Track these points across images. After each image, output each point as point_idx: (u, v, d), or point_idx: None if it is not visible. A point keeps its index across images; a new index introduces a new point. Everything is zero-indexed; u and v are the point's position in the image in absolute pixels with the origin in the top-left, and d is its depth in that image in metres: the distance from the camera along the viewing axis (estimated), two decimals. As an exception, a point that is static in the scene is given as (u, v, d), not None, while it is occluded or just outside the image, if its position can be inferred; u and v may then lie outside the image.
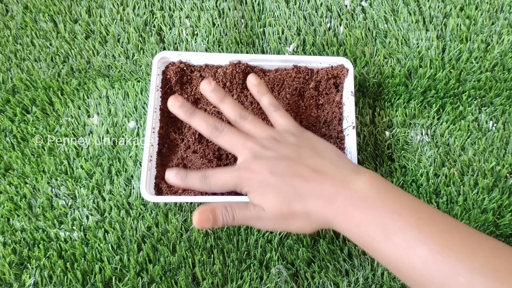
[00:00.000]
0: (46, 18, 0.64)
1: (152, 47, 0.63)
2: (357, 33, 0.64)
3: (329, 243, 0.53)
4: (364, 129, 0.59)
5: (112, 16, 0.64)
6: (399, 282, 0.51)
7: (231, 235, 0.53)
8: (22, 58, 0.62)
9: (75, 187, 0.54)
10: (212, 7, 0.66)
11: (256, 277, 0.51)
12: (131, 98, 0.59)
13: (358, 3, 0.67)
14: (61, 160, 0.56)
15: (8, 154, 0.56)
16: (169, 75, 0.58)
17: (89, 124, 0.58)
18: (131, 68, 0.62)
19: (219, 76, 0.58)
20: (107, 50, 0.63)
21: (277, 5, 0.66)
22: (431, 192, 0.55)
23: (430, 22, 0.65)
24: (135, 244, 0.52)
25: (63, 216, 0.53)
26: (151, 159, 0.53)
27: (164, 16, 0.65)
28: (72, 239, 0.52)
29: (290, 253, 0.52)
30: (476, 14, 0.65)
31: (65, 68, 0.61)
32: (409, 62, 0.62)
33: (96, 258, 0.51)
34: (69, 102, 0.59)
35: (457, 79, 0.61)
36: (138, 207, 0.54)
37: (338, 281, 0.51)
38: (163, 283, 0.50)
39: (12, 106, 0.59)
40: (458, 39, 0.64)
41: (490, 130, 0.59)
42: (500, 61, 0.62)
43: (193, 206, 0.54)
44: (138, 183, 0.55)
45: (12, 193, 0.54)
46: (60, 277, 0.50)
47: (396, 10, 0.66)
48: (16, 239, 0.52)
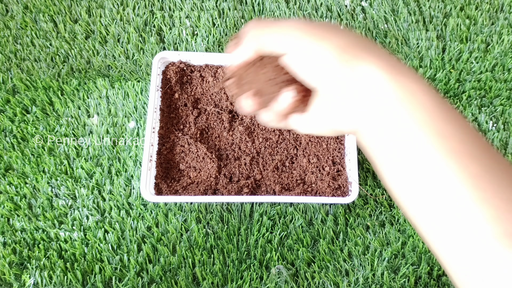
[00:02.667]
0: (46, 18, 0.64)
1: (152, 47, 0.63)
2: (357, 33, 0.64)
3: (329, 243, 0.53)
4: (364, 129, 0.59)
5: (112, 16, 0.64)
6: (399, 282, 0.51)
7: (231, 235, 0.53)
8: (22, 58, 0.62)
9: (75, 187, 0.54)
10: (212, 7, 0.66)
11: (256, 277, 0.51)
12: (131, 98, 0.59)
13: (358, 3, 0.67)
14: (61, 160, 0.56)
15: (8, 154, 0.56)
16: (169, 75, 0.58)
17: (89, 124, 0.58)
18: (131, 68, 0.62)
19: (219, 76, 0.58)
20: (107, 50, 0.63)
21: (277, 5, 0.66)
22: (431, 192, 0.55)
23: (430, 22, 0.65)
24: (135, 244, 0.52)
25: (63, 216, 0.53)
26: (151, 159, 0.53)
27: (164, 16, 0.65)
28: (72, 239, 0.52)
29: (290, 253, 0.52)
30: (476, 14, 0.65)
31: (65, 68, 0.61)
32: (409, 62, 0.62)
33: (96, 258, 0.51)
34: (69, 102, 0.59)
35: (457, 79, 0.61)
36: (138, 207, 0.54)
37: (338, 281, 0.51)
38: (163, 283, 0.50)
39: (12, 106, 0.59)
40: (458, 39, 0.64)
41: (490, 130, 0.59)
42: (500, 61, 0.62)
43: (193, 206, 0.54)
44: (138, 183, 0.55)
45: (12, 193, 0.54)
46: (60, 277, 0.50)
47: (396, 10, 0.66)
48: (16, 239, 0.52)
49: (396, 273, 0.52)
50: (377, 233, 0.54)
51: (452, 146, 0.24)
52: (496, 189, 0.23)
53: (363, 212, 0.55)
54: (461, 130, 0.24)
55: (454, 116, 0.25)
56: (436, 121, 0.24)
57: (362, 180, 0.56)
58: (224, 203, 0.54)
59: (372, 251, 0.52)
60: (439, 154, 0.24)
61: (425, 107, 0.25)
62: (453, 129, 0.24)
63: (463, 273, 0.24)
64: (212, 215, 0.54)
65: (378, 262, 0.52)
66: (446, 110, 0.25)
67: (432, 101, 0.25)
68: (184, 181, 0.53)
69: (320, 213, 0.54)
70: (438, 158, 0.24)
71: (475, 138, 0.25)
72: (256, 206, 0.55)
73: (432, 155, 0.24)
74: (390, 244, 0.53)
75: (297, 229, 0.53)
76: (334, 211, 0.55)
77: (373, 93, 0.25)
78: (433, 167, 0.24)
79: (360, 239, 0.53)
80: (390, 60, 0.26)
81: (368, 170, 0.57)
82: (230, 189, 0.53)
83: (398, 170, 0.25)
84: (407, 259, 0.52)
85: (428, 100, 0.25)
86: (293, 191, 0.53)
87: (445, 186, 0.23)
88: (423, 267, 0.51)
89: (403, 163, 0.25)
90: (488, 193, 0.23)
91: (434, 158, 0.24)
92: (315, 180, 0.54)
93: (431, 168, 0.24)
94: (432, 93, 0.25)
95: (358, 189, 0.52)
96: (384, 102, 0.25)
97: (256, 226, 0.53)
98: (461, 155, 0.24)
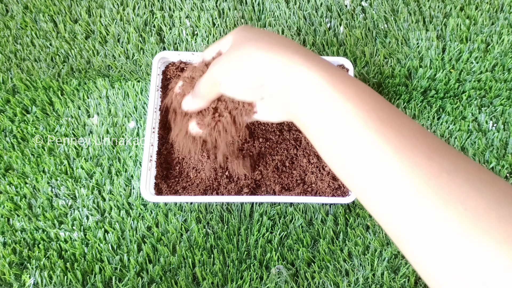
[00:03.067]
0: (46, 18, 0.64)
1: (152, 47, 0.63)
2: (357, 33, 0.64)
3: (329, 243, 0.53)
4: (364, 129, 0.59)
5: (112, 16, 0.64)
6: (399, 282, 0.51)
7: (231, 235, 0.53)
8: (22, 58, 0.62)
9: (75, 187, 0.54)
10: (212, 7, 0.66)
11: (256, 277, 0.51)
12: (131, 98, 0.59)
13: (358, 3, 0.67)
14: (61, 160, 0.56)
15: (8, 154, 0.56)
16: (169, 75, 0.58)
17: (89, 124, 0.58)
18: (131, 68, 0.62)
19: None
20: (107, 50, 0.63)
21: (277, 5, 0.66)
22: (431, 192, 0.55)
23: (430, 22, 0.65)
24: (135, 244, 0.52)
25: (63, 216, 0.53)
26: (151, 159, 0.53)
27: (164, 16, 0.65)
28: (72, 239, 0.52)
29: (290, 253, 0.52)
30: (476, 14, 0.65)
31: (65, 68, 0.61)
32: (409, 62, 0.62)
33: (96, 258, 0.51)
34: (69, 102, 0.59)
35: (457, 79, 0.61)
36: (138, 207, 0.54)
37: (338, 281, 0.51)
38: (163, 283, 0.50)
39: (12, 106, 0.59)
40: (458, 39, 0.64)
41: (490, 130, 0.59)
42: (500, 61, 0.62)
43: (193, 206, 0.54)
44: (138, 183, 0.55)
45: (12, 193, 0.54)
46: (60, 277, 0.50)
47: (396, 10, 0.66)
48: (16, 239, 0.52)
49: (396, 273, 0.52)
50: (377, 233, 0.54)
51: (354, 104, 0.28)
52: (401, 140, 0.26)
53: (363, 212, 0.55)
54: (360, 91, 0.29)
55: (354, 83, 0.30)
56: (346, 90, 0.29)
57: (362, 180, 0.56)
58: (224, 203, 0.54)
59: (372, 251, 0.52)
60: (345, 111, 0.28)
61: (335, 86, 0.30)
62: (355, 92, 0.29)
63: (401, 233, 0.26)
64: (212, 215, 0.54)
65: (378, 262, 0.52)
66: (350, 81, 0.30)
67: (341, 80, 0.30)
68: (184, 181, 0.53)
69: (320, 213, 0.54)
70: (344, 114, 0.28)
71: (369, 95, 0.29)
72: (256, 206, 0.55)
73: (340, 113, 0.28)
74: (390, 244, 0.53)
75: (297, 229, 0.53)
76: (334, 211, 0.55)
77: (300, 86, 0.30)
78: (341, 123, 0.28)
79: (360, 239, 0.53)
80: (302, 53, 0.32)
81: (368, 170, 0.57)
82: (230, 189, 0.53)
83: (326, 140, 0.30)
84: (407, 259, 0.52)
85: (334, 80, 0.30)
86: (293, 191, 0.53)
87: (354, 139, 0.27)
88: (423, 267, 0.51)
89: (327, 130, 0.29)
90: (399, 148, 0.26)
91: (341, 115, 0.28)
92: (315, 180, 0.54)
93: (341, 124, 0.28)
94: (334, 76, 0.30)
95: (358, 189, 0.52)
96: (309, 90, 0.30)
97: (256, 226, 0.53)
98: (362, 107, 0.28)
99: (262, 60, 0.32)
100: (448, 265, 0.23)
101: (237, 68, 0.33)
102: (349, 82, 0.30)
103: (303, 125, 0.32)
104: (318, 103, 0.29)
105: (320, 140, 0.30)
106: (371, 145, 0.26)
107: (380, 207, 0.26)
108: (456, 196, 0.23)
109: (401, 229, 0.25)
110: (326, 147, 0.30)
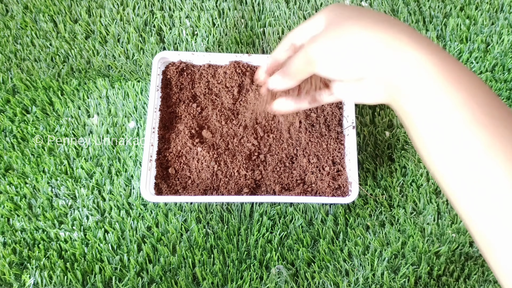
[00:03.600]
0: (46, 18, 0.64)
1: (152, 47, 0.63)
2: (357, 33, 0.64)
3: (329, 243, 0.53)
4: (364, 129, 0.59)
5: (112, 16, 0.64)
6: (399, 282, 0.51)
7: (231, 235, 0.53)
8: (22, 58, 0.62)
9: (75, 187, 0.54)
10: (212, 7, 0.66)
11: (256, 277, 0.51)
12: (131, 98, 0.59)
13: (358, 3, 0.67)
14: (61, 160, 0.56)
15: (8, 154, 0.56)
16: (169, 75, 0.58)
17: (89, 124, 0.58)
18: (131, 68, 0.62)
19: (219, 76, 0.58)
20: (107, 50, 0.63)
21: (277, 5, 0.66)
22: (431, 192, 0.55)
23: (430, 22, 0.65)
24: (135, 244, 0.52)
25: (63, 216, 0.53)
26: (151, 159, 0.53)
27: (164, 16, 0.65)
28: (72, 239, 0.52)
29: (290, 253, 0.52)
30: (476, 14, 0.65)
31: (65, 68, 0.61)
32: (409, 62, 0.62)
33: (96, 258, 0.51)
34: (69, 102, 0.59)
35: (457, 79, 0.61)
36: (138, 207, 0.54)
37: (338, 281, 0.51)
38: (163, 283, 0.50)
39: (12, 106, 0.59)
40: (458, 39, 0.64)
41: (490, 130, 0.59)
42: (500, 61, 0.62)
43: (193, 206, 0.54)
44: (138, 183, 0.55)
45: (12, 193, 0.54)
46: (60, 277, 0.50)
47: (396, 10, 0.66)
48: (16, 239, 0.52)
49: (396, 273, 0.52)
50: (377, 233, 0.54)
51: (463, 97, 0.27)
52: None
53: (363, 212, 0.55)
54: (470, 81, 0.28)
55: (462, 72, 0.29)
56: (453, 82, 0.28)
57: (362, 180, 0.56)
58: (224, 203, 0.54)
59: (372, 251, 0.52)
60: (452, 104, 0.27)
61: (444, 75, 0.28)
62: (465, 82, 0.28)
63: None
64: (212, 215, 0.54)
65: (378, 262, 0.52)
66: (460, 72, 0.29)
67: (454, 70, 0.29)
68: (184, 181, 0.53)
69: (320, 213, 0.54)
70: (450, 106, 0.27)
71: (483, 91, 0.28)
72: (256, 206, 0.55)
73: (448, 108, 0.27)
74: (390, 244, 0.53)
75: (297, 229, 0.53)
76: (334, 211, 0.55)
77: (407, 69, 0.29)
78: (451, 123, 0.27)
79: (360, 239, 0.53)
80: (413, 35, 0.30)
81: (368, 170, 0.57)
82: (230, 189, 0.53)
83: (427, 131, 0.29)
84: (407, 259, 0.52)
85: (447, 69, 0.28)
86: (293, 191, 0.53)
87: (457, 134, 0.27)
88: (423, 267, 0.51)
89: (430, 121, 0.28)
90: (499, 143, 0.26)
91: (448, 109, 0.27)
92: (315, 180, 0.54)
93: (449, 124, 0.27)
94: (447, 62, 0.29)
95: (358, 189, 0.52)
96: (416, 75, 0.29)
97: (256, 226, 0.53)
98: (471, 105, 0.27)
99: (366, 40, 0.30)
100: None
101: (338, 48, 0.32)
102: (458, 69, 0.29)
103: (403, 110, 0.30)
104: (424, 91, 0.28)
105: (421, 131, 0.29)
106: (476, 144, 0.26)
107: (483, 209, 0.26)
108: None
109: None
110: (427, 139, 0.29)
